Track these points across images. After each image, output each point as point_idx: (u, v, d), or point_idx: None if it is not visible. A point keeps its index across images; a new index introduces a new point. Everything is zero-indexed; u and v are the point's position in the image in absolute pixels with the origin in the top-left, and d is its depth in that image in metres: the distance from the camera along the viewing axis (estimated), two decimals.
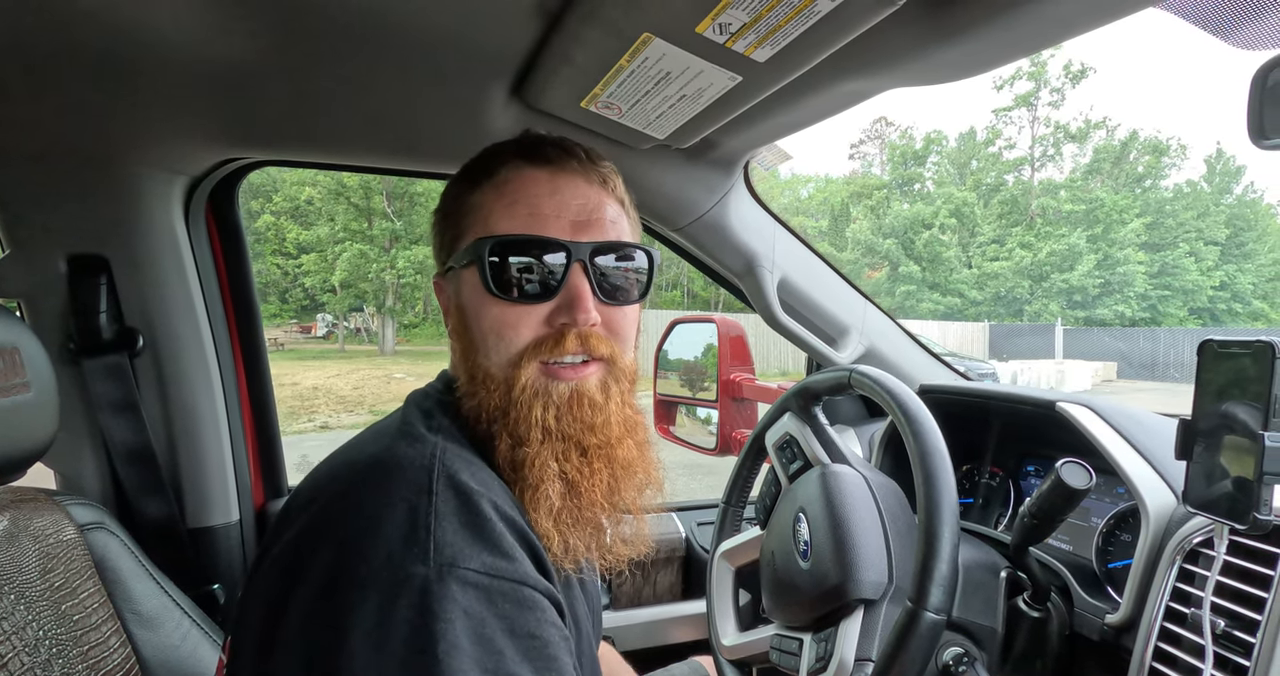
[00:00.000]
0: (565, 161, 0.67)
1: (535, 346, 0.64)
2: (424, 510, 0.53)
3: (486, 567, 0.52)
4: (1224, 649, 0.67)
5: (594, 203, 0.67)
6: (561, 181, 0.66)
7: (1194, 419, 0.69)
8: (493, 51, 0.85)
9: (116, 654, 0.85)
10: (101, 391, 1.05)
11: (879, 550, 0.78)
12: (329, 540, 0.54)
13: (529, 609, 0.53)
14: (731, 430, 1.46)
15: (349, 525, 0.54)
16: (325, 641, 0.49)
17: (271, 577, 0.56)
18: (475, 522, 0.54)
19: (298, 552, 0.55)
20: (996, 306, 27.68)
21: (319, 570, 0.53)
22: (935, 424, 0.72)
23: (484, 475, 0.61)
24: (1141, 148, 30.51)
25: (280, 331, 25.95)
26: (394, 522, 0.53)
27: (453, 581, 0.50)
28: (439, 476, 0.56)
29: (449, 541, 0.52)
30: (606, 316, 0.67)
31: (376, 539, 0.52)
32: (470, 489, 0.56)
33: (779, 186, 39.31)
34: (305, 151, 1.10)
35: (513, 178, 0.66)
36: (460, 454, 0.61)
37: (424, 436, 0.61)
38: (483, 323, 0.65)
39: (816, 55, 0.74)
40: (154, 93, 0.89)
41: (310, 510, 0.58)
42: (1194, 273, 27.43)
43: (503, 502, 0.59)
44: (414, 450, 0.59)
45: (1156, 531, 0.80)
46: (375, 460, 0.59)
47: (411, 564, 0.50)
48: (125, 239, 1.06)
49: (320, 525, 0.56)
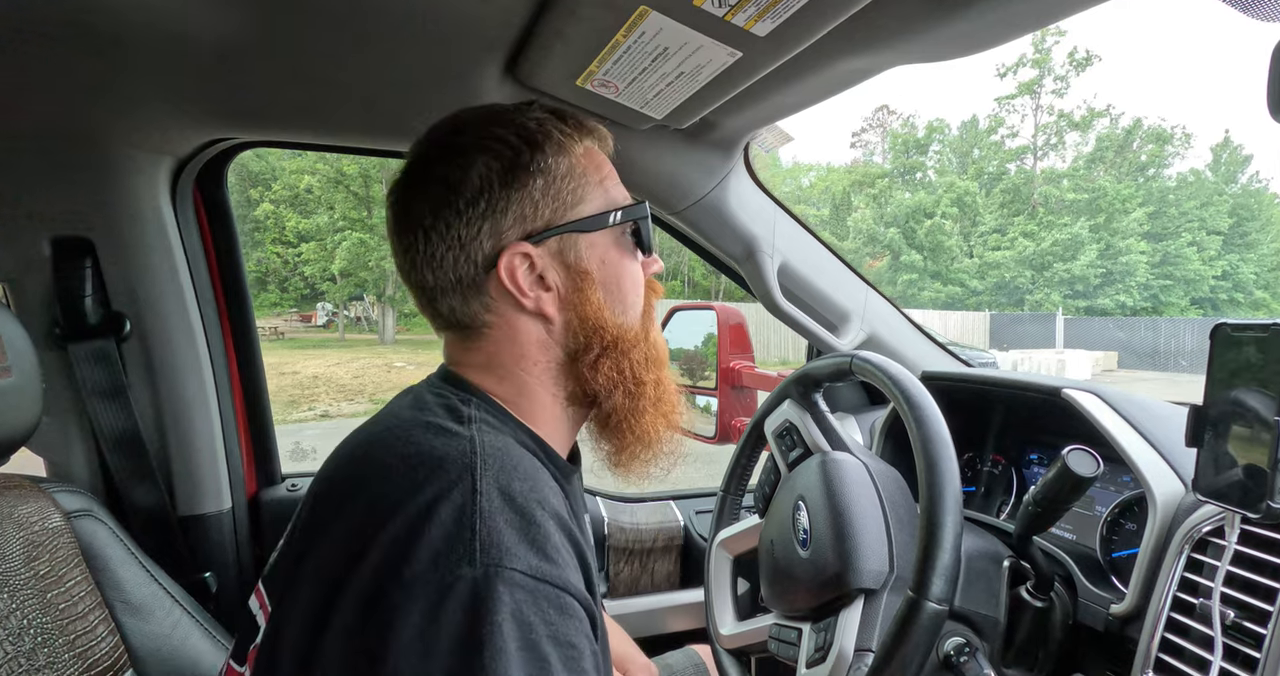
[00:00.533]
0: (607, 145, 0.73)
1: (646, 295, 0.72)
2: (469, 509, 0.51)
3: (533, 569, 0.50)
4: (1233, 640, 0.66)
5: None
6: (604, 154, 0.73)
7: (1205, 405, 0.67)
8: (485, 28, 0.82)
9: (104, 643, 0.84)
10: (88, 377, 1.04)
11: (880, 538, 0.77)
12: (373, 546, 0.52)
13: (570, 616, 0.51)
14: (731, 418, 1.44)
15: (393, 529, 0.52)
16: (372, 648, 0.48)
17: (314, 583, 0.55)
18: (521, 522, 0.53)
19: (341, 559, 0.53)
20: (998, 296, 27.62)
21: (364, 577, 0.51)
22: (938, 410, 0.70)
23: (529, 465, 0.58)
24: (1145, 136, 30.31)
25: (280, 320, 25.92)
26: (439, 523, 0.51)
27: (499, 583, 0.48)
28: (482, 473, 0.54)
29: (495, 542, 0.50)
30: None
31: (421, 542, 0.50)
32: (515, 486, 0.55)
33: (781, 175, 39.14)
34: (295, 132, 1.07)
35: (595, 150, 0.70)
36: (503, 445, 0.58)
37: (455, 431, 0.59)
38: (624, 282, 0.68)
39: (818, 30, 0.72)
40: (138, 70, 0.87)
41: (349, 513, 0.56)
42: (1196, 262, 27.34)
43: (551, 498, 0.57)
44: (450, 447, 0.57)
45: (1164, 520, 0.78)
46: (409, 459, 0.56)
47: (458, 565, 0.49)
48: (110, 221, 1.03)
49: (363, 529, 0.54)
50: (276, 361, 15.94)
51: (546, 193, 0.65)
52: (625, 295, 0.68)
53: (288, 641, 0.55)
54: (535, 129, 0.67)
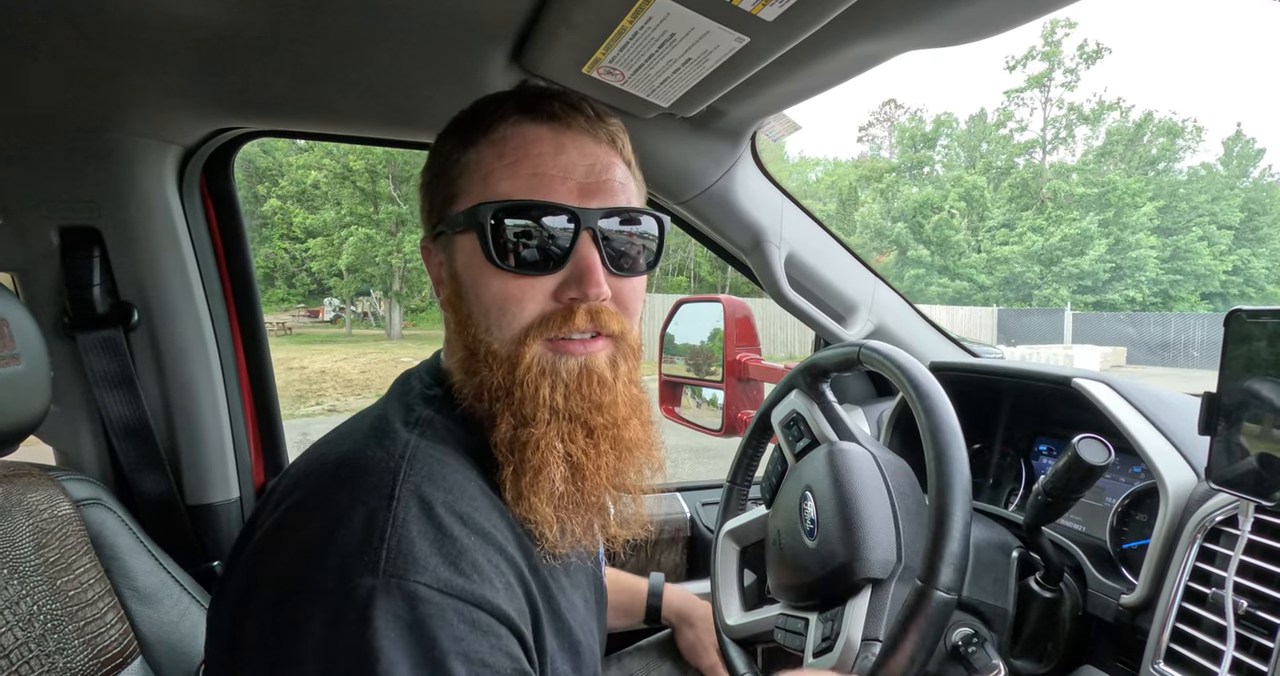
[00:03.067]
0: (571, 117, 0.61)
1: (541, 323, 0.59)
2: (381, 516, 0.49)
3: (441, 583, 0.48)
4: (1246, 629, 0.65)
5: (602, 164, 0.61)
6: (567, 140, 0.60)
7: (1219, 393, 0.66)
8: (491, 14, 0.81)
9: (114, 629, 0.84)
10: (97, 366, 1.04)
11: (887, 528, 0.76)
12: (287, 547, 0.51)
13: (483, 633, 0.49)
14: (738, 411, 1.44)
15: (306, 531, 0.50)
16: (281, 657, 0.47)
17: (238, 584, 0.53)
18: (437, 533, 0.50)
19: (259, 559, 0.52)
20: (1006, 291, 27.47)
21: (275, 579, 0.50)
22: (947, 399, 0.70)
23: (460, 478, 0.56)
24: (1156, 130, 30.03)
25: (288, 315, 26.05)
26: (348, 528, 0.49)
27: (399, 595, 0.46)
28: (404, 480, 0.52)
29: (403, 551, 0.48)
30: (615, 288, 0.62)
31: (331, 546, 0.48)
32: (436, 497, 0.52)
33: (787, 169, 39.00)
34: (301, 122, 1.07)
35: (513, 134, 0.60)
36: (437, 454, 0.56)
37: (397, 434, 0.57)
38: (483, 296, 0.60)
39: (827, 13, 0.71)
40: (145, 58, 0.87)
41: (275, 514, 0.55)
42: (1206, 257, 27.10)
43: (478, 512, 0.54)
44: (383, 450, 0.55)
45: (1176, 509, 0.77)
46: (340, 462, 0.55)
47: (359, 574, 0.47)
48: (117, 210, 1.04)
49: (281, 531, 0.53)
50: (284, 356, 16.04)
51: (437, 187, 0.64)
52: (484, 310, 0.60)
53: (219, 637, 0.54)
54: (455, 120, 0.65)
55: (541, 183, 0.59)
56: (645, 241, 0.64)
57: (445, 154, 0.65)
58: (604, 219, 0.60)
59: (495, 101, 0.63)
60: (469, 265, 0.61)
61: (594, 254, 0.59)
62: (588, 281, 0.58)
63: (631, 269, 0.63)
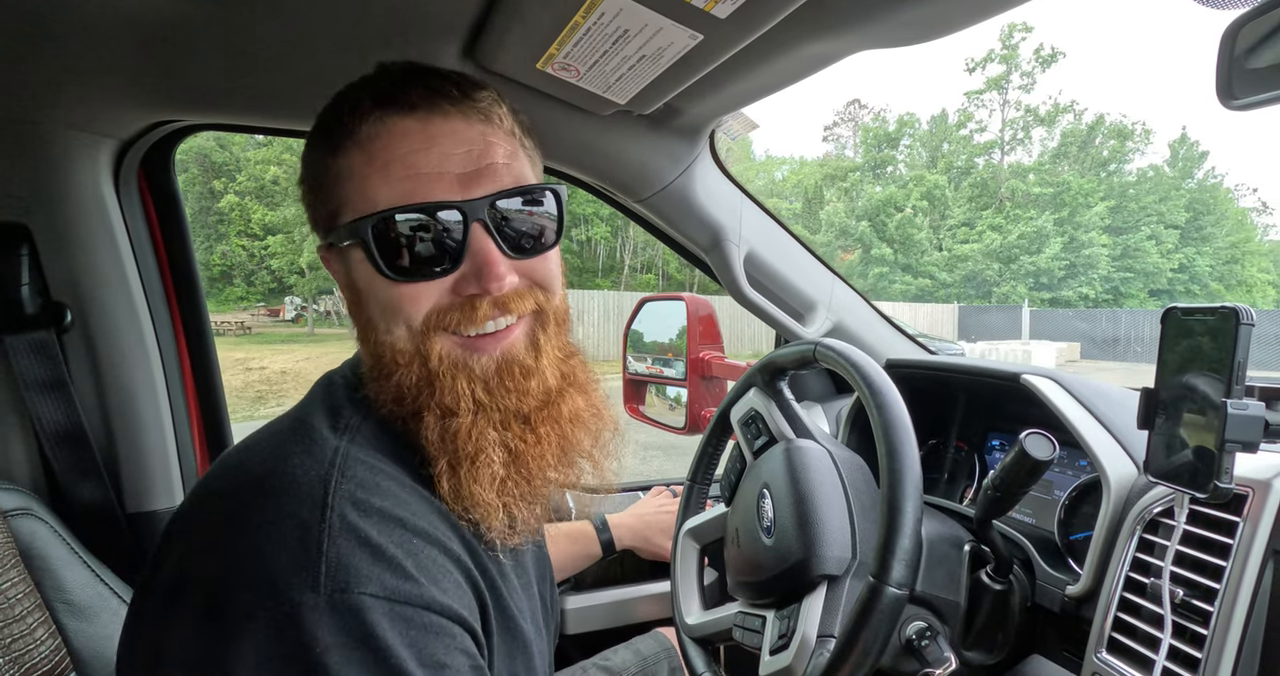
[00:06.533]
0: (435, 103, 0.57)
1: (440, 315, 0.57)
2: (315, 528, 0.47)
3: (388, 591, 0.47)
4: (1182, 618, 0.67)
5: (480, 147, 0.57)
6: (435, 129, 0.56)
7: (1156, 388, 0.68)
8: (442, 8, 0.80)
9: (44, 646, 0.80)
10: (26, 370, 0.99)
11: (842, 525, 0.77)
12: (209, 567, 0.48)
13: (436, 634, 0.48)
14: (701, 408, 1.44)
15: (231, 549, 0.48)
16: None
17: (154, 610, 0.50)
18: (376, 541, 0.48)
19: (179, 582, 0.49)
20: (966, 288, 28.16)
21: (199, 600, 0.47)
22: (900, 397, 0.70)
23: (393, 484, 0.54)
24: (1107, 132, 31.10)
25: (247, 315, 25.33)
26: (281, 544, 0.47)
27: (345, 610, 0.45)
28: (336, 489, 0.50)
29: (344, 564, 0.46)
30: (524, 270, 0.60)
31: (261, 563, 0.46)
32: (372, 503, 0.50)
33: (754, 168, 39.32)
34: (243, 115, 1.03)
35: (378, 133, 0.56)
36: (367, 459, 0.54)
37: (324, 440, 0.54)
38: (380, 301, 0.58)
39: (778, 11, 0.71)
40: (77, 46, 0.82)
41: (193, 532, 0.52)
42: (1154, 255, 28.17)
43: (416, 515, 0.53)
44: (310, 459, 0.52)
45: (1118, 501, 0.79)
46: (265, 473, 0.52)
47: (299, 591, 0.45)
48: (47, 206, 0.99)
49: (201, 550, 0.50)
50: (243, 356, 15.58)
51: (318, 199, 0.61)
52: (384, 313, 0.58)
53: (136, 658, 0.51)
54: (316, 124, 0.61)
55: (419, 183, 0.55)
56: (543, 218, 0.61)
57: (315, 162, 0.61)
58: (492, 207, 0.57)
59: (351, 97, 0.59)
60: (362, 277, 0.59)
61: (489, 245, 0.57)
62: (487, 276, 0.56)
63: (534, 248, 0.61)
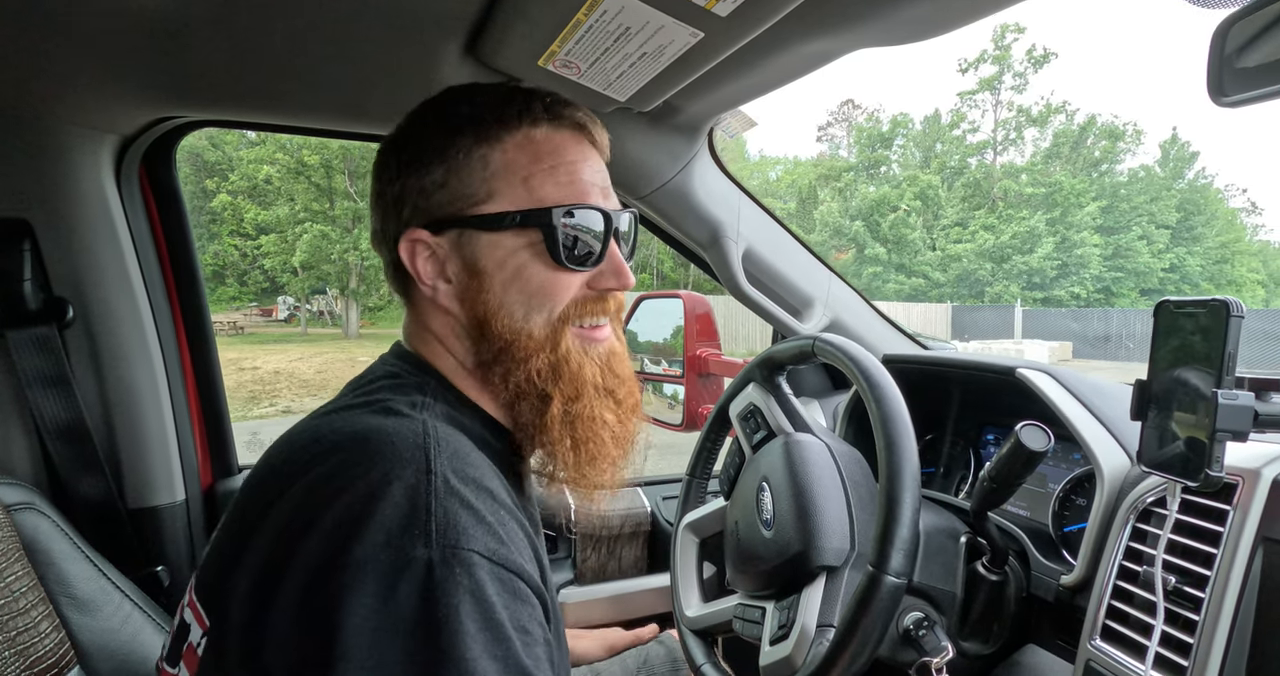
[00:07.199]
0: (589, 127, 0.68)
1: (576, 305, 0.66)
2: (423, 489, 0.50)
3: (490, 552, 0.50)
4: (1174, 605, 0.68)
5: (604, 169, 0.69)
6: (588, 149, 0.67)
7: (1149, 380, 0.70)
8: (444, 5, 0.80)
9: (48, 639, 0.81)
10: (28, 365, 0.99)
11: (841, 517, 0.78)
12: (318, 525, 0.49)
13: (524, 601, 0.51)
14: (698, 406, 1.45)
15: (341, 507, 0.50)
16: (319, 634, 0.46)
17: (254, 570, 0.52)
18: (475, 505, 0.52)
19: (282, 541, 0.51)
20: (959, 287, 28.27)
21: (309, 557, 0.49)
22: (898, 390, 0.72)
23: (477, 457, 0.57)
24: (1099, 132, 31.25)
25: (240, 315, 25.20)
26: (391, 502, 0.49)
27: (457, 564, 0.47)
28: (436, 455, 0.53)
29: (452, 523, 0.49)
30: None
31: (372, 520, 0.48)
32: (467, 472, 0.54)
33: (749, 168, 39.36)
34: (246, 112, 1.04)
35: (544, 138, 0.65)
36: (450, 434, 0.57)
37: (410, 415, 0.58)
38: (529, 286, 0.64)
39: (778, 10, 0.72)
40: (81, 43, 0.83)
41: (291, 493, 0.53)
42: (1145, 255, 28.33)
43: (499, 488, 0.56)
44: (405, 428, 0.55)
45: (1111, 492, 0.81)
46: (364, 437, 0.55)
47: (412, 546, 0.47)
48: (50, 202, 0.99)
49: (306, 509, 0.51)
50: (236, 356, 15.52)
51: (447, 182, 0.64)
52: (529, 301, 0.64)
53: (230, 635, 0.52)
54: (464, 114, 0.65)
55: (581, 188, 0.65)
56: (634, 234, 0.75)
57: (459, 149, 0.64)
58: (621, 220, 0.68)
59: (520, 103, 0.66)
60: (510, 259, 0.64)
61: (618, 250, 0.68)
62: (625, 274, 0.68)
63: (629, 257, 0.72)
